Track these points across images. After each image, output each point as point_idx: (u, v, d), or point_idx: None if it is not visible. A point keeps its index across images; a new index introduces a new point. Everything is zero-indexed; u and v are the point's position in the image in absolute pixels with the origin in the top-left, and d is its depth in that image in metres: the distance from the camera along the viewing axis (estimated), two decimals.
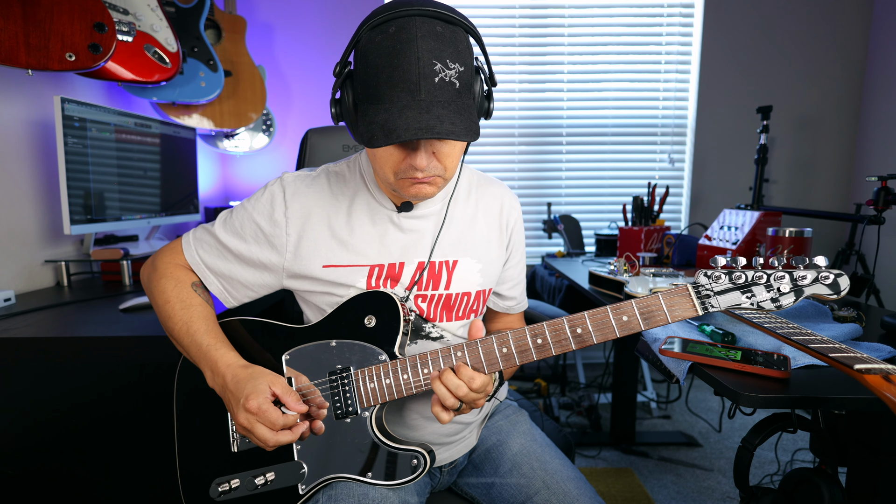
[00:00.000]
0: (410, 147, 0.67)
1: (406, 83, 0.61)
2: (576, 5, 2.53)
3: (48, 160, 1.48)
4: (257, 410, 0.65)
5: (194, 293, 0.78)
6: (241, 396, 0.66)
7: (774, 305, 0.61)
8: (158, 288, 0.78)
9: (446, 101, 0.63)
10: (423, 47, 0.61)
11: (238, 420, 0.67)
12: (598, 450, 2.02)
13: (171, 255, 0.82)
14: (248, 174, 2.58)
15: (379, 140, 0.61)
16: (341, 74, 0.69)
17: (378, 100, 0.63)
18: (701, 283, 0.63)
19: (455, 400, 0.68)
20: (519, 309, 0.97)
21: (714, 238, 1.63)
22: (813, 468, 0.89)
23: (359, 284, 0.78)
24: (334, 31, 2.47)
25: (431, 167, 0.69)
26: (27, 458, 1.00)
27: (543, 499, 0.79)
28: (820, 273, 0.60)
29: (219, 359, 0.71)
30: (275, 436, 0.66)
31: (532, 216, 2.68)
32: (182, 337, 0.74)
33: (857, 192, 2.60)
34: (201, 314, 0.76)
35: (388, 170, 0.70)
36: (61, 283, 1.49)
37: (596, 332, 0.66)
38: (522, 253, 0.94)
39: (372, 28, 0.64)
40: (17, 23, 1.16)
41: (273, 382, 0.68)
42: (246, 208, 0.80)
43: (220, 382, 0.70)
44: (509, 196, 0.90)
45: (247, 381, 0.67)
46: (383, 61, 0.62)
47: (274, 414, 0.65)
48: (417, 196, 0.72)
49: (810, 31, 2.51)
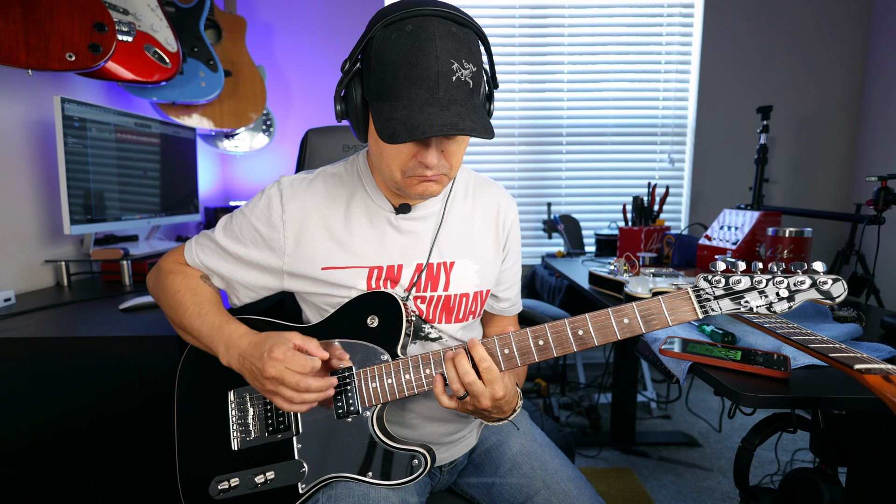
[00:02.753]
0: (423, 144, 0.67)
1: (425, 80, 0.62)
2: (576, 5, 2.53)
3: (48, 160, 1.48)
4: (283, 357, 0.65)
5: (203, 283, 0.81)
6: (265, 350, 0.66)
7: (772, 311, 0.62)
8: (168, 281, 0.80)
9: (462, 99, 0.64)
10: (441, 46, 0.62)
11: (266, 371, 0.65)
12: (598, 450, 2.02)
13: (175, 255, 0.84)
14: (248, 174, 2.58)
15: (402, 136, 0.61)
16: (350, 71, 0.69)
17: (394, 97, 0.64)
18: (701, 286, 0.64)
19: (460, 385, 0.67)
20: (513, 311, 0.97)
21: (714, 238, 1.63)
22: (813, 468, 0.89)
23: (359, 286, 0.78)
24: (334, 31, 2.47)
25: (440, 165, 0.69)
26: (27, 458, 1.00)
27: (544, 499, 0.79)
28: (818, 279, 0.61)
29: (233, 331, 0.72)
30: (305, 380, 0.65)
31: (532, 216, 2.68)
32: (194, 320, 0.75)
33: (857, 192, 2.60)
34: (212, 299, 0.79)
35: (396, 168, 0.70)
36: (61, 283, 1.49)
37: (597, 334, 0.66)
38: (518, 255, 0.94)
39: (386, 26, 0.64)
40: (17, 23, 1.16)
41: (290, 336, 0.69)
42: (244, 213, 0.80)
43: (237, 353, 0.70)
44: (506, 198, 0.90)
45: (266, 339, 0.68)
46: (401, 58, 0.62)
47: (301, 358, 0.66)
48: (423, 195, 0.72)
49: (810, 32, 2.51)
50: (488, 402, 0.67)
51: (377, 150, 0.71)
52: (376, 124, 0.65)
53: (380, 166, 0.73)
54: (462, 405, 0.69)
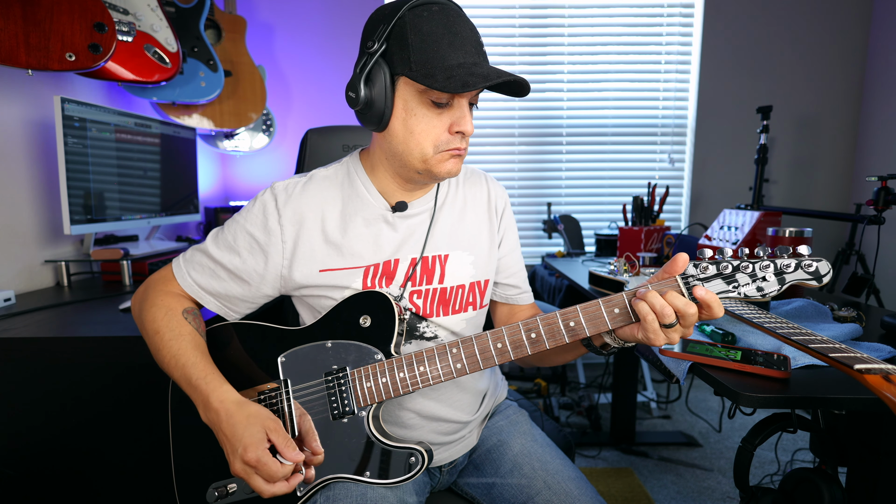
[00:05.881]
0: (459, 112, 0.72)
1: (470, 44, 0.69)
2: (576, 5, 2.53)
3: (48, 160, 1.48)
4: (256, 463, 0.62)
5: (185, 322, 0.76)
6: (239, 446, 0.64)
7: (760, 294, 0.63)
8: (149, 317, 0.76)
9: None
10: (470, 24, 0.71)
11: (234, 469, 0.64)
12: (598, 450, 2.02)
13: (163, 283, 0.80)
14: (248, 174, 2.58)
15: (475, 84, 0.65)
16: (376, 52, 0.69)
17: (445, 60, 0.67)
18: (689, 273, 0.64)
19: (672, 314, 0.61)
20: (524, 299, 0.95)
21: (714, 238, 1.63)
22: (813, 468, 0.89)
23: (354, 285, 0.78)
24: (334, 31, 2.47)
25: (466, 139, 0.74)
26: (27, 458, 1.00)
27: (545, 499, 0.79)
28: (802, 261, 0.62)
29: (210, 392, 0.68)
30: (271, 488, 0.64)
31: (532, 216, 2.68)
32: (172, 370, 0.72)
33: (857, 192, 2.60)
34: (192, 343, 0.73)
35: (429, 143, 0.72)
36: (61, 283, 1.49)
37: (588, 325, 0.67)
38: (515, 241, 0.93)
39: (412, 7, 0.68)
40: (17, 23, 1.16)
41: (270, 428, 0.65)
42: (238, 221, 0.79)
43: (213, 419, 0.68)
44: (494, 184, 0.92)
45: (244, 427, 0.65)
46: (442, 29, 0.67)
47: (273, 467, 0.63)
48: (451, 172, 0.75)
49: (810, 32, 2.51)
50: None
51: (405, 130, 0.72)
52: (436, 84, 0.66)
53: (407, 148, 0.73)
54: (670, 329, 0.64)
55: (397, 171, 0.78)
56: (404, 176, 0.78)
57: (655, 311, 0.62)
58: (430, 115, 0.71)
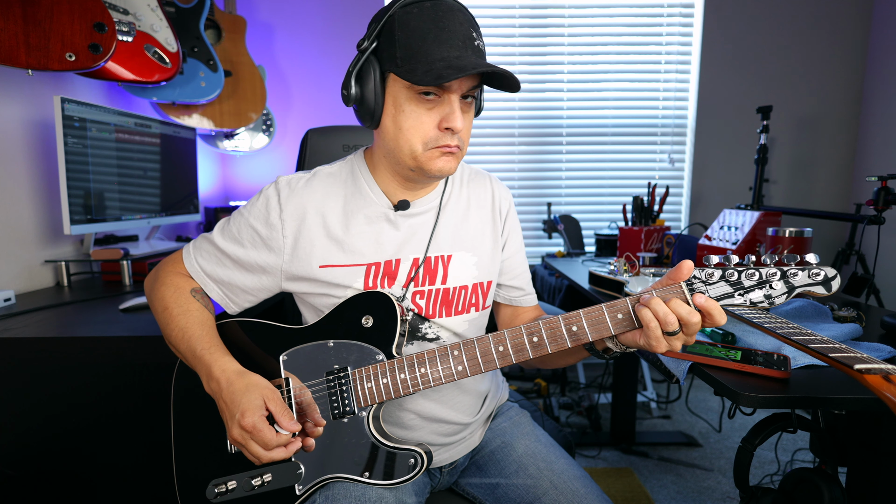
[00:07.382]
0: (448, 108, 0.70)
1: (455, 40, 0.67)
2: (576, 5, 2.53)
3: (48, 160, 1.48)
4: (252, 428, 0.64)
5: (192, 298, 0.78)
6: (237, 411, 0.65)
7: (767, 302, 0.62)
8: (158, 295, 0.79)
9: (485, 59, 0.70)
10: (462, 19, 0.68)
11: (232, 434, 0.66)
12: (598, 450, 2.02)
13: (172, 264, 0.83)
14: (248, 174, 2.58)
15: (450, 75, 0.64)
16: (366, 49, 0.70)
17: (427, 55, 0.66)
18: (693, 279, 0.64)
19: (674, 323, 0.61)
20: (528, 302, 0.94)
21: (714, 238, 1.63)
22: (813, 468, 0.89)
23: (356, 285, 0.78)
24: (334, 31, 2.47)
25: (459, 136, 0.72)
26: (27, 458, 1.00)
27: (552, 499, 0.79)
28: (810, 270, 0.61)
29: (213, 363, 0.70)
30: (268, 453, 0.65)
31: (532, 216, 2.68)
32: (179, 342, 0.74)
33: (857, 192, 2.60)
34: (198, 319, 0.76)
35: (418, 140, 0.71)
36: (61, 283, 1.49)
37: (591, 330, 0.66)
38: (520, 243, 0.93)
39: (404, 5, 0.68)
40: (17, 23, 1.16)
41: (268, 397, 0.67)
42: (243, 214, 0.80)
43: (215, 388, 0.69)
44: (499, 185, 0.91)
45: (242, 394, 0.66)
46: (429, 24, 0.67)
47: (269, 434, 0.64)
48: (442, 170, 0.73)
49: (810, 32, 2.51)
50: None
51: (395, 126, 0.72)
52: (414, 78, 0.66)
53: (397, 145, 0.73)
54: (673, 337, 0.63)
55: (394, 168, 0.78)
56: (401, 174, 0.78)
57: (658, 318, 0.61)
58: (418, 112, 0.70)
